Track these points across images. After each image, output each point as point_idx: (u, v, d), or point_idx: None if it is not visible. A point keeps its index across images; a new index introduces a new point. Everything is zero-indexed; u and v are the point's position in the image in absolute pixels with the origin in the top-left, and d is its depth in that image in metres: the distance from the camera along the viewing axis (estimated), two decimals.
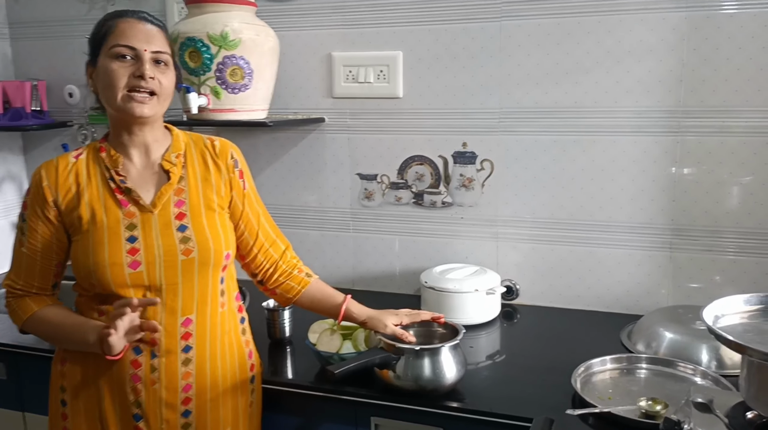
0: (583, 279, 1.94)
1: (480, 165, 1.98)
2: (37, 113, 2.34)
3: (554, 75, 1.86)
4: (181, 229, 1.35)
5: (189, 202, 1.38)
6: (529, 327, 1.88)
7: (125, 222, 1.33)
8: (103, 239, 1.31)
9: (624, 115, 1.82)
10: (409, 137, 2.03)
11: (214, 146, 1.44)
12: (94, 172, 1.37)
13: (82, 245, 1.33)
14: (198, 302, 1.36)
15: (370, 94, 2.04)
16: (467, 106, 1.96)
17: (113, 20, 1.33)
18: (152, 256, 1.32)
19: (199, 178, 1.40)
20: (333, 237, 2.18)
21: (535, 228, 1.96)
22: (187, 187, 1.38)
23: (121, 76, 1.30)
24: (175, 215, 1.36)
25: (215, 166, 1.43)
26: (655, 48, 1.77)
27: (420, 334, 1.52)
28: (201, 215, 1.38)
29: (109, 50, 1.30)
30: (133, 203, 1.35)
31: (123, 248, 1.31)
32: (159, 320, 1.32)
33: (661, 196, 1.83)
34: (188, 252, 1.34)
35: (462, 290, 1.82)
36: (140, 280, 1.31)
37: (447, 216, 2.05)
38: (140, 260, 1.31)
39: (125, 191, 1.34)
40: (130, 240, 1.32)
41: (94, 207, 1.34)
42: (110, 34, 1.31)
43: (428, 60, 1.97)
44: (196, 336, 1.35)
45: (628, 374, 1.52)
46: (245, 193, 1.46)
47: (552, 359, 1.63)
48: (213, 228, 1.38)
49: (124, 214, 1.34)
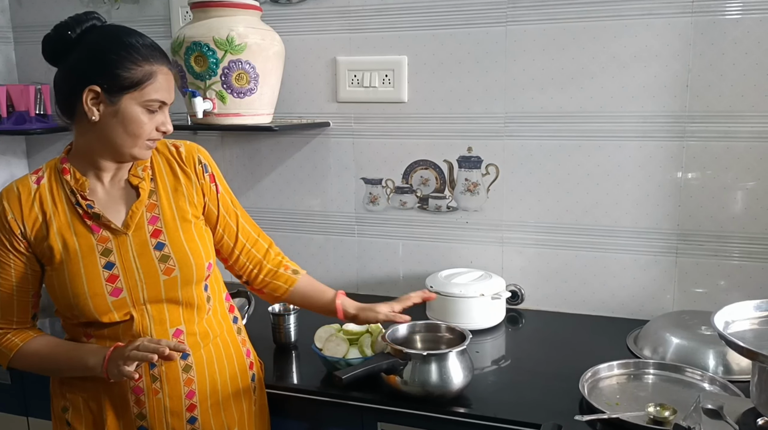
0: (588, 284, 1.94)
1: (485, 170, 1.98)
2: (41, 117, 2.33)
3: (559, 80, 1.86)
4: (159, 247, 1.30)
5: (163, 217, 1.32)
6: (535, 332, 1.88)
7: (99, 248, 1.27)
8: (80, 270, 1.26)
9: (629, 120, 1.82)
10: (414, 142, 2.03)
11: (179, 153, 1.38)
12: (59, 197, 1.29)
13: (57, 277, 1.27)
14: (184, 314, 1.34)
15: (374, 99, 2.03)
16: (472, 110, 1.96)
17: (152, 67, 1.24)
18: (133, 280, 1.28)
19: (170, 189, 1.35)
20: (337, 241, 2.18)
21: (540, 233, 1.96)
22: (158, 202, 1.33)
23: (149, 130, 1.25)
24: (150, 233, 1.30)
25: (184, 174, 1.37)
26: (661, 53, 1.77)
27: (426, 339, 1.52)
28: (177, 229, 1.33)
29: (144, 101, 1.23)
30: (104, 227, 1.29)
31: (101, 277, 1.27)
32: (149, 332, 1.29)
33: (666, 201, 1.83)
34: (169, 271, 1.30)
35: (467, 294, 1.82)
36: (124, 305, 1.28)
37: (452, 221, 2.04)
38: (121, 287, 1.27)
39: (94, 217, 1.28)
40: (107, 267, 1.27)
41: (64, 236, 1.27)
42: (149, 83, 1.23)
43: (433, 65, 1.97)
44: (188, 344, 1.33)
45: (636, 380, 1.52)
46: (219, 196, 1.42)
47: (558, 365, 1.62)
48: (191, 242, 1.33)
49: (97, 239, 1.28)
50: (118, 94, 1.22)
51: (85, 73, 1.22)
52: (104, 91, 1.21)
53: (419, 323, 1.56)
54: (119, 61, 1.21)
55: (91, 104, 1.22)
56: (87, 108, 1.22)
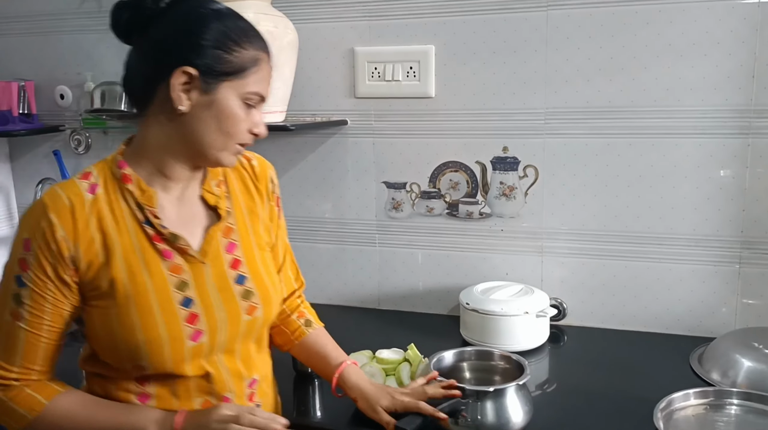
0: (639, 297, 1.75)
1: (522, 172, 1.79)
2: (25, 117, 2.13)
3: (608, 71, 1.67)
4: (240, 280, 1.08)
5: (241, 243, 1.10)
6: (582, 352, 1.69)
7: (173, 280, 1.02)
8: (152, 307, 1.01)
9: (687, 116, 1.64)
10: (443, 141, 1.84)
11: (252, 167, 1.18)
12: (121, 212, 1.02)
13: (119, 317, 1.00)
14: (255, 358, 1.14)
15: (398, 94, 1.84)
16: (508, 106, 1.76)
17: (258, 53, 1.03)
18: (213, 321, 1.04)
19: (245, 210, 1.14)
20: (356, 252, 1.98)
21: (585, 241, 1.77)
22: (235, 225, 1.11)
23: (243, 129, 1.03)
24: (229, 264, 1.08)
25: (257, 192, 1.17)
26: (724, 40, 1.58)
27: (476, 369, 1.32)
28: (255, 259, 1.12)
29: (244, 93, 1.02)
30: (178, 253, 1.04)
31: (179, 317, 1.02)
32: (229, 388, 1.08)
33: (728, 205, 1.65)
34: (252, 310, 1.09)
35: (510, 312, 1.62)
36: (199, 353, 1.04)
37: (485, 228, 1.85)
38: (202, 329, 1.03)
39: (169, 239, 1.03)
40: (184, 304, 1.03)
41: (131, 263, 1.01)
42: (252, 72, 1.02)
43: (464, 55, 1.78)
44: (259, 393, 1.14)
45: (715, 411, 1.34)
46: (280, 224, 1.23)
47: (618, 391, 1.44)
48: (270, 275, 1.13)
49: (168, 269, 1.03)
50: (216, 81, 0.99)
51: (177, 51, 0.98)
52: (201, 74, 0.98)
53: (468, 350, 1.36)
54: (222, 40, 0.99)
55: (182, 90, 0.99)
56: (175, 94, 0.98)
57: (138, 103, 1.04)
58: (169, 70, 0.98)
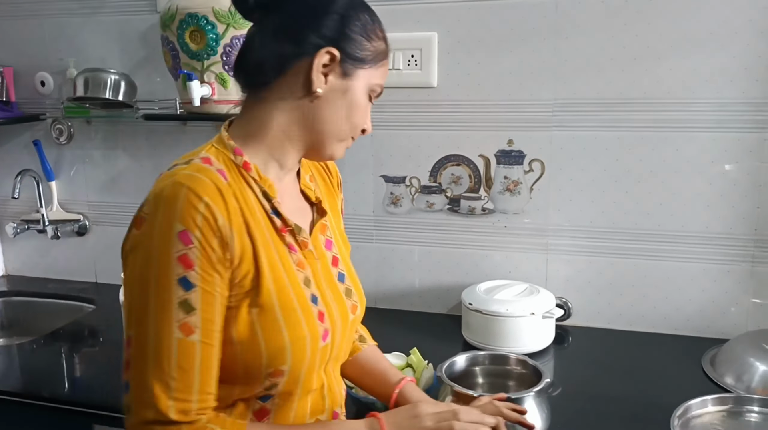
0: (649, 297, 1.69)
1: (528, 166, 1.72)
2: (3, 105, 2.04)
3: (620, 61, 1.60)
4: (341, 278, 1.03)
5: (335, 241, 1.06)
6: (589, 354, 1.63)
7: (300, 276, 0.96)
8: (293, 304, 0.93)
9: (702, 108, 1.57)
10: (445, 134, 1.76)
11: (327, 165, 1.14)
12: (250, 200, 0.93)
13: (263, 316, 0.90)
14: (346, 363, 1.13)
15: (398, 84, 1.76)
16: (514, 97, 1.69)
17: (387, 46, 0.99)
18: (333, 319, 0.97)
19: (329, 208, 1.07)
20: (353, 248, 1.88)
21: (592, 239, 1.71)
22: (328, 221, 1.06)
23: (361, 123, 0.99)
24: (330, 261, 1.03)
25: (333, 188, 1.13)
26: (742, 30, 1.52)
27: (490, 373, 1.25)
28: (345, 256, 1.08)
29: (374, 84, 0.98)
30: (299, 247, 0.98)
31: (314, 315, 0.95)
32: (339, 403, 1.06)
33: (743, 202, 1.59)
34: (354, 308, 1.03)
35: (515, 313, 1.55)
36: (325, 355, 0.98)
37: (488, 225, 1.78)
38: (328, 328, 0.97)
39: (294, 231, 0.97)
40: (313, 301, 0.96)
41: (270, 256, 0.93)
42: (383, 64, 0.98)
43: (468, 43, 1.70)
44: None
45: (734, 418, 1.28)
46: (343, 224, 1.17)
47: (633, 396, 1.38)
48: (356, 273, 1.10)
49: (296, 263, 0.96)
50: (355, 67, 0.95)
51: (322, 30, 0.92)
52: (343, 58, 0.93)
53: (480, 354, 1.29)
54: (365, 26, 0.95)
55: (321, 71, 0.93)
56: (316, 75, 0.92)
57: (257, 83, 0.95)
58: (312, 50, 0.92)
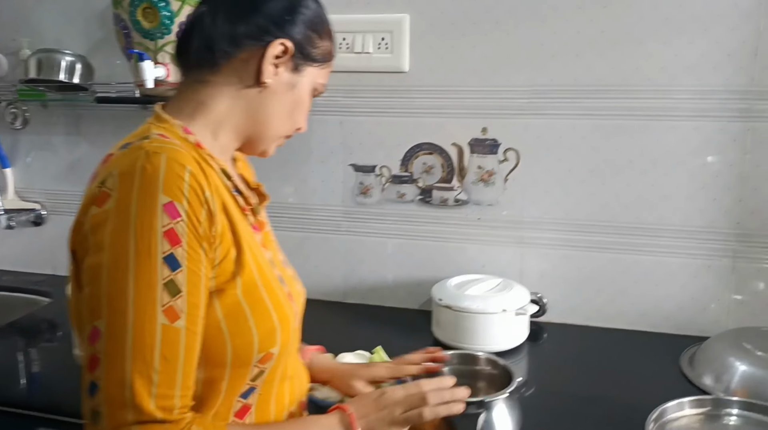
0: (627, 293, 1.63)
1: (503, 155, 1.65)
2: None
3: (598, 46, 1.54)
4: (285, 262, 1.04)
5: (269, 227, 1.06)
6: (564, 352, 1.57)
7: (268, 255, 0.95)
8: (272, 283, 0.90)
9: (683, 96, 1.51)
10: (416, 121, 1.69)
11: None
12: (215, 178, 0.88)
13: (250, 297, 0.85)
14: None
15: (368, 68, 1.68)
16: (489, 83, 1.62)
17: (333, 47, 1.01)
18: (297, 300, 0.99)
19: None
20: (320, 240, 1.82)
21: (568, 232, 1.64)
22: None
23: (300, 121, 0.99)
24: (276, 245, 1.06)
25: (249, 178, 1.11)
26: (726, 14, 1.46)
27: (455, 373, 1.17)
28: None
29: (316, 82, 0.98)
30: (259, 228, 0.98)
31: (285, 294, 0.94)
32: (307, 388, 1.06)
33: (725, 194, 1.53)
34: (304, 292, 1.05)
35: (487, 310, 1.48)
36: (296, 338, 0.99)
37: (460, 217, 1.71)
38: (296, 309, 0.98)
39: (254, 211, 0.96)
40: (280, 280, 0.95)
41: (246, 234, 0.89)
42: (329, 64, 1.00)
43: (442, 26, 1.63)
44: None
45: (712, 422, 1.22)
46: None
47: (608, 397, 1.33)
48: None
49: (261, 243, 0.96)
50: (305, 63, 0.95)
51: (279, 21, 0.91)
52: (295, 52, 0.92)
53: (447, 353, 1.21)
54: (319, 24, 0.96)
55: (273, 62, 0.91)
56: (266, 65, 0.90)
57: (204, 64, 0.91)
58: (266, 39, 0.90)
